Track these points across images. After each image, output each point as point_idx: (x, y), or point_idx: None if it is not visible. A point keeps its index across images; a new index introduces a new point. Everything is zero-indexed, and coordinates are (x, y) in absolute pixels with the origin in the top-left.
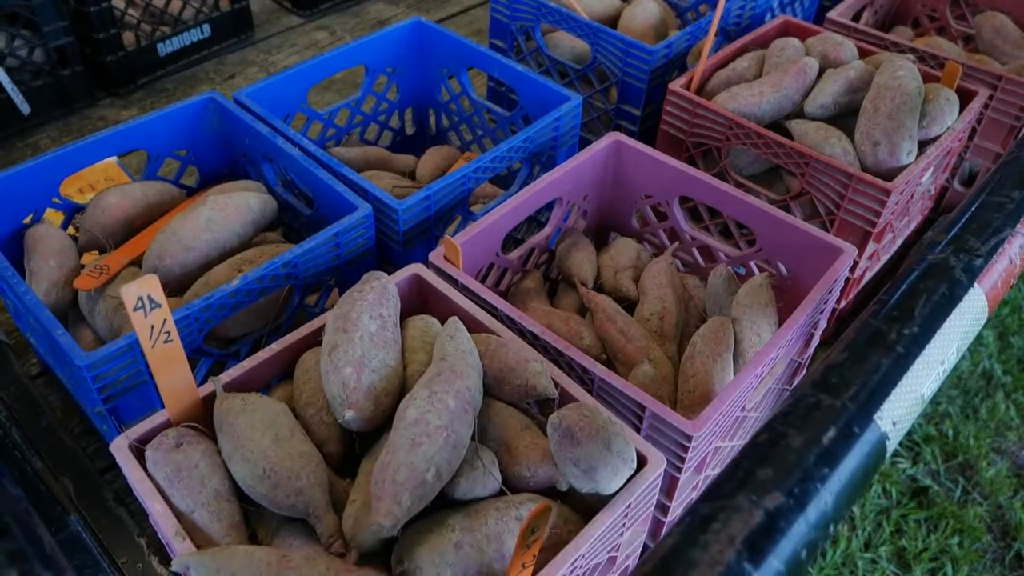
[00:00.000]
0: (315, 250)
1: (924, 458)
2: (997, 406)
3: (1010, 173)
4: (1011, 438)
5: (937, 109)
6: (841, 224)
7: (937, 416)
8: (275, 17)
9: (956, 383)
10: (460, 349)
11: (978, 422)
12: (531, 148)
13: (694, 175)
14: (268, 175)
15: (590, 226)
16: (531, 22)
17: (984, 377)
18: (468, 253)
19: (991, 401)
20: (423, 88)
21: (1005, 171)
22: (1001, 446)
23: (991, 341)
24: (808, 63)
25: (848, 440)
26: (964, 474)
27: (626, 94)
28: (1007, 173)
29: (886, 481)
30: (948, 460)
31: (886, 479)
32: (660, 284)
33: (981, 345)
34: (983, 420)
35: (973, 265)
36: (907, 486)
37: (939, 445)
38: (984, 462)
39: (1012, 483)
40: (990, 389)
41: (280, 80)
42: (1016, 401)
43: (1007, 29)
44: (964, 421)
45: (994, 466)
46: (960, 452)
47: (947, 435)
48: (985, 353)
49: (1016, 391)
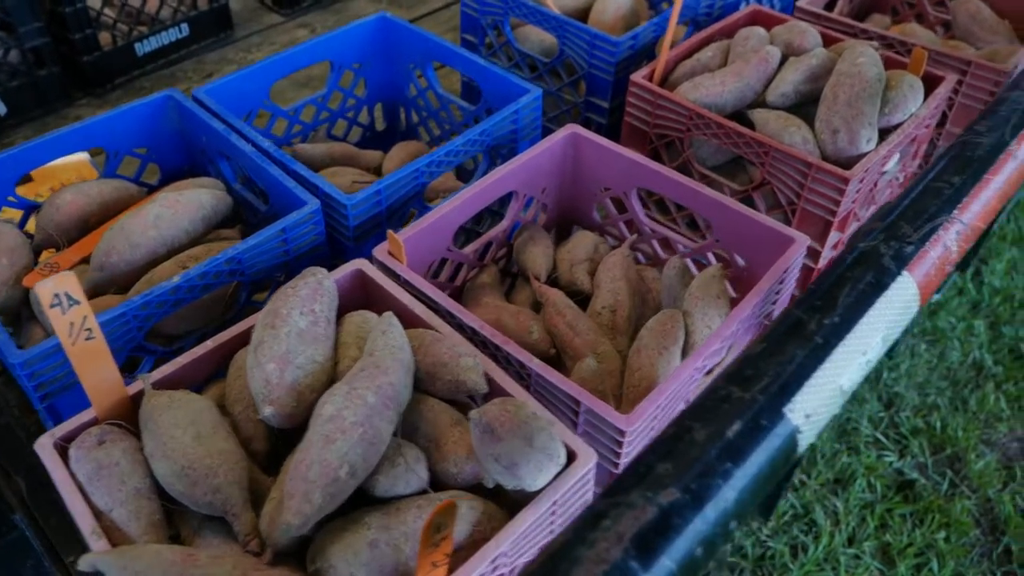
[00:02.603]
0: (261, 246)
1: (911, 451)
2: (987, 397)
3: (953, 159)
4: (1001, 429)
5: (900, 96)
6: (802, 214)
7: (925, 408)
8: (256, 16)
9: (945, 374)
10: (390, 345)
11: (967, 414)
12: (489, 141)
13: (650, 167)
14: (226, 172)
15: (552, 219)
16: (500, 16)
17: (974, 368)
18: (415, 248)
19: (981, 392)
20: (391, 83)
21: (948, 156)
22: (991, 438)
23: (982, 331)
24: (770, 52)
25: (755, 434)
26: (952, 467)
27: (594, 86)
28: (950, 159)
29: (871, 475)
30: (936, 453)
31: (871, 472)
32: (614, 277)
33: (972, 335)
34: (972, 411)
35: (903, 252)
36: (893, 480)
37: (927, 437)
38: (973, 454)
39: (1001, 476)
40: (980, 380)
41: (241, 77)
42: (1007, 392)
43: (982, 15)
44: (953, 413)
45: (983, 458)
46: (948, 444)
47: (935, 427)
48: (976, 343)
49: (1007, 381)
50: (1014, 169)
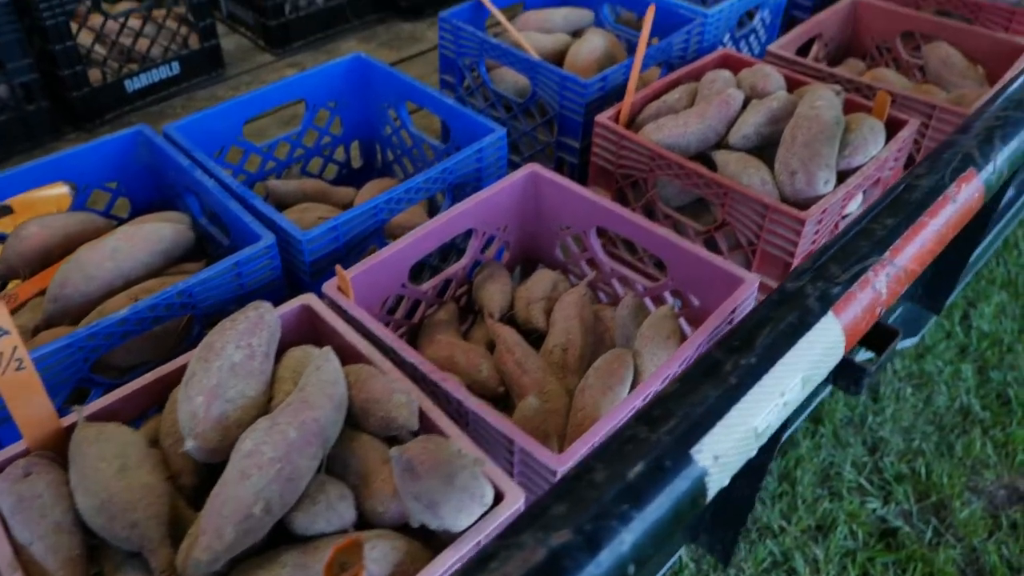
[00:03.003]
0: (214, 280)
1: (896, 497)
2: (973, 443)
3: (891, 201)
4: (988, 476)
5: (860, 138)
6: (762, 255)
7: (910, 453)
8: (248, 55)
9: (931, 419)
10: (323, 380)
11: (953, 460)
12: (451, 179)
13: (606, 207)
14: (192, 206)
15: (515, 257)
16: (476, 58)
17: (961, 412)
18: (368, 284)
19: (967, 438)
20: (367, 122)
21: (886, 199)
22: (977, 485)
23: (970, 375)
24: (731, 94)
25: (657, 476)
26: (937, 515)
27: (565, 127)
28: (888, 201)
29: (853, 522)
30: (921, 500)
31: (853, 519)
32: (568, 316)
33: (959, 379)
34: (958, 458)
35: (829, 293)
36: (876, 527)
37: (911, 484)
38: (958, 502)
39: (987, 524)
40: (967, 425)
41: (214, 114)
42: (993, 438)
43: (952, 60)
44: (938, 459)
45: (969, 506)
46: (933, 491)
47: (920, 473)
48: (963, 387)
49: (994, 427)
50: (952, 212)
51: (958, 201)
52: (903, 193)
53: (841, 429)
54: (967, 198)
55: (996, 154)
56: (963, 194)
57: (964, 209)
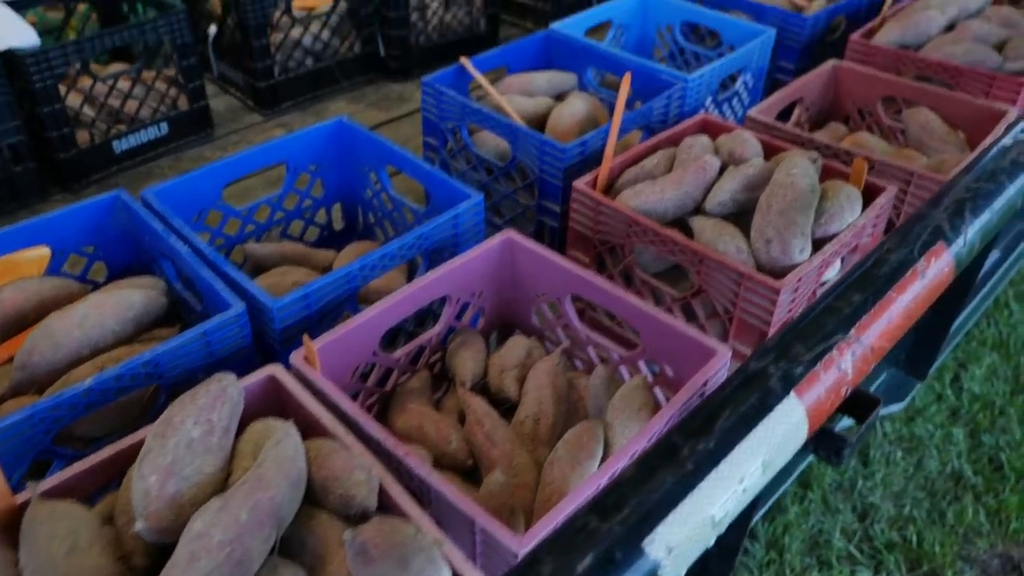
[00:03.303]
0: (182, 349)
1: (887, 566)
2: (965, 510)
3: (858, 276)
4: (981, 545)
5: (836, 206)
6: (739, 323)
7: (901, 520)
8: (237, 115)
9: (923, 484)
10: (280, 456)
11: (945, 527)
12: (427, 245)
13: (580, 275)
14: (168, 271)
15: (491, 323)
16: (458, 122)
17: (953, 478)
18: (338, 352)
19: (959, 504)
20: (349, 184)
21: (854, 274)
22: (970, 553)
23: (961, 439)
24: (708, 161)
25: (607, 568)
26: None
27: (545, 191)
28: (855, 276)
29: None
30: (913, 569)
31: None
32: (540, 385)
33: (950, 443)
34: (950, 525)
35: (792, 374)
36: None
37: (903, 552)
38: (951, 572)
39: None
40: (959, 491)
41: (193, 178)
42: (986, 504)
43: (932, 125)
44: (930, 526)
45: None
46: (925, 560)
47: (911, 541)
48: (954, 452)
49: (986, 493)
50: (921, 288)
51: (927, 276)
52: (871, 268)
53: (830, 494)
54: (936, 273)
55: (967, 227)
56: (932, 269)
57: (933, 284)
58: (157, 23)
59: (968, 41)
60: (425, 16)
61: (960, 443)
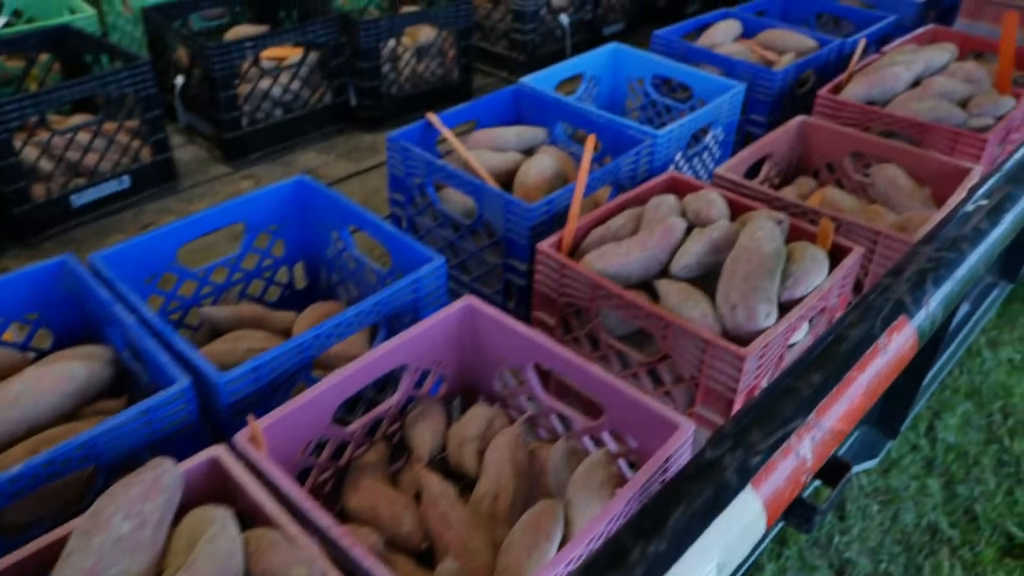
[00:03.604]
0: (121, 428)
1: None
2: (942, 564)
3: (818, 355)
4: None
5: (802, 269)
6: (705, 390)
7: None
8: (203, 166)
9: (899, 538)
10: (215, 554)
11: None
12: (386, 311)
13: (543, 344)
14: (115, 340)
15: (453, 389)
16: (424, 178)
17: (929, 531)
18: (288, 428)
19: (935, 559)
20: (311, 243)
21: (814, 350)
22: None
23: (936, 491)
24: (673, 223)
25: None
26: None
27: (511, 250)
28: (815, 354)
29: None
30: None
31: None
32: (500, 460)
33: (926, 495)
34: None
35: (749, 464)
36: None
37: None
38: None
39: None
40: (935, 545)
41: (145, 241)
42: (962, 558)
43: (899, 181)
44: None
45: None
46: None
47: None
48: (930, 504)
49: (962, 547)
50: (883, 364)
51: (889, 352)
52: (832, 345)
53: (807, 551)
54: (899, 348)
55: (929, 299)
56: (894, 344)
57: (896, 360)
58: (120, 75)
59: (933, 97)
60: (397, 67)
61: (936, 494)
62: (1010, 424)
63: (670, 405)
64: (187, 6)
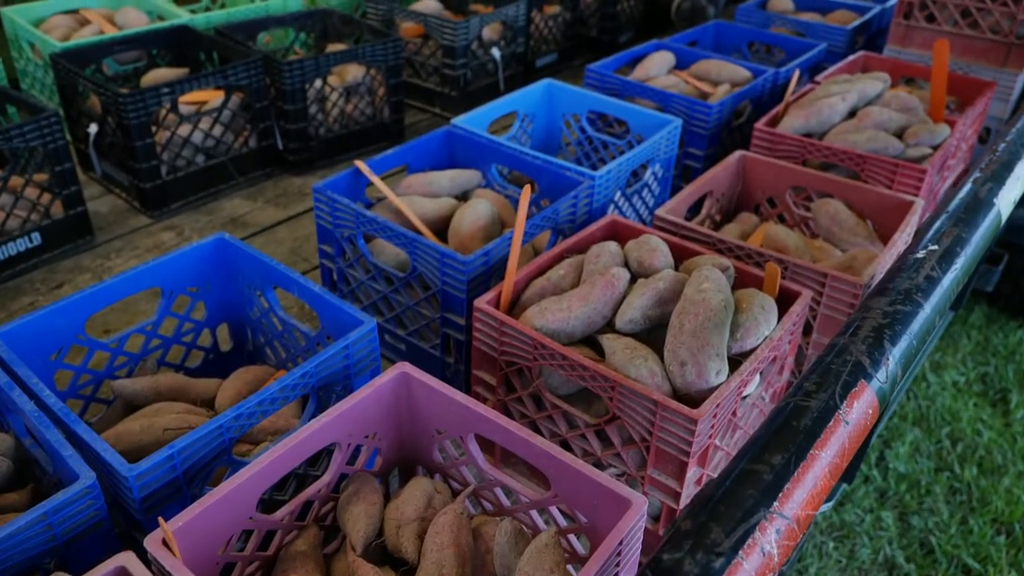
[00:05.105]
0: (16, 537)
1: None
2: None
3: (777, 430)
4: None
5: (751, 320)
6: (657, 452)
7: None
8: (122, 218)
9: (856, 575)
10: None
11: None
12: (314, 383)
13: (483, 414)
14: (16, 427)
15: (389, 462)
16: (353, 230)
17: (886, 566)
18: (206, 523)
19: None
20: (235, 303)
21: (772, 425)
22: None
23: (891, 523)
24: (615, 275)
25: None
26: None
27: (448, 303)
28: (774, 430)
29: None
30: None
31: None
32: (441, 544)
33: (880, 528)
34: None
35: (711, 569)
36: None
37: None
38: None
39: None
40: None
41: (49, 314)
42: None
43: (841, 216)
44: None
45: None
46: None
47: None
48: (885, 538)
49: None
50: (845, 436)
51: (851, 422)
52: (791, 417)
53: None
54: (860, 415)
55: (887, 358)
56: (856, 412)
57: (858, 428)
58: (25, 128)
59: (870, 128)
60: (325, 108)
61: (890, 528)
62: (959, 450)
63: (621, 467)
64: (100, 50)
